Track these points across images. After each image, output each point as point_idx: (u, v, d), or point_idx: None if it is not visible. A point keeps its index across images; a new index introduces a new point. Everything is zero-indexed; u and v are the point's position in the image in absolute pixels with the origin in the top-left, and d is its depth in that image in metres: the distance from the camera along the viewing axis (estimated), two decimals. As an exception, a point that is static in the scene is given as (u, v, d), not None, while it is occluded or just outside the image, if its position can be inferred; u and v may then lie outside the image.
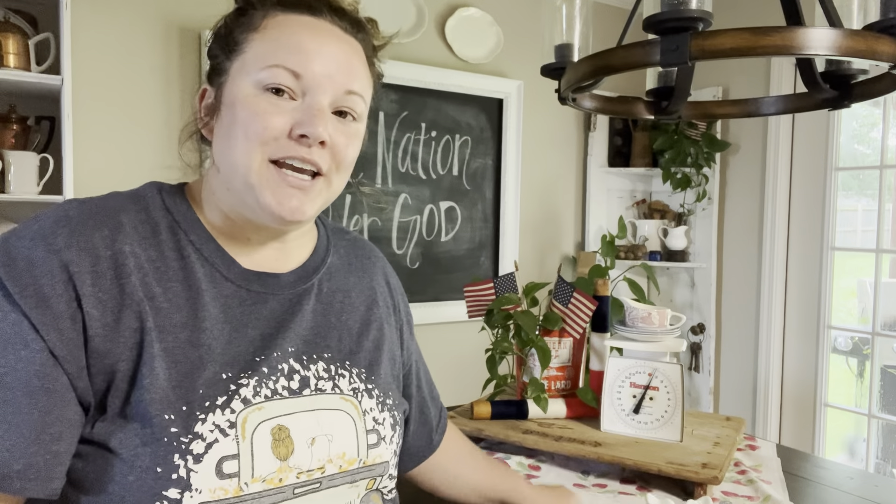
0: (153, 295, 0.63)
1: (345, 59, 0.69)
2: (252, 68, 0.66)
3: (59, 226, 0.61)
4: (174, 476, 0.58)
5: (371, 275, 0.85)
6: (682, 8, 0.79)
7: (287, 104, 0.66)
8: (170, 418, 0.59)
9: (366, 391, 0.75)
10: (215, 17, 0.73)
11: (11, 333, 0.57)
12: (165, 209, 0.69)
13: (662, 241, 3.05)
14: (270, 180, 0.65)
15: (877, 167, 2.62)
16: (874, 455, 2.66)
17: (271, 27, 0.67)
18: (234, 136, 0.66)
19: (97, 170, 2.02)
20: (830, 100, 1.06)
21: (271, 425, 0.64)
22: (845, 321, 2.82)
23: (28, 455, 0.56)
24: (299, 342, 0.71)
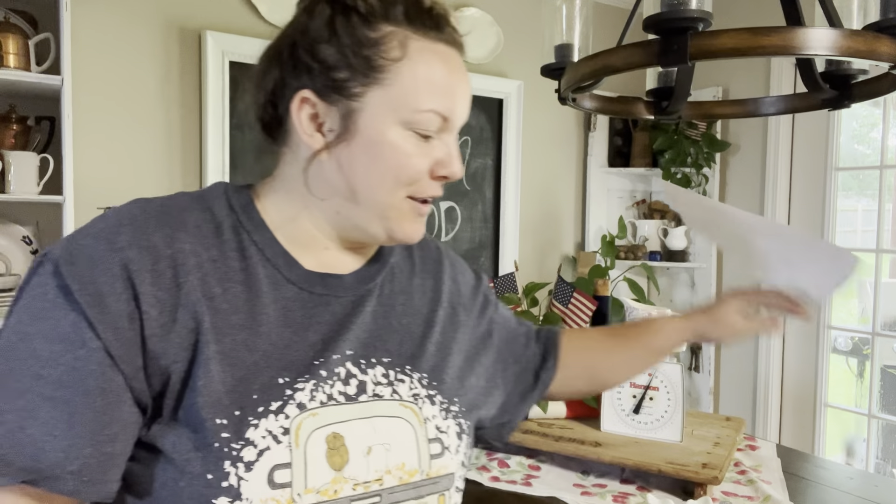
0: (212, 295, 0.61)
1: (469, 95, 0.69)
2: (402, 108, 0.63)
3: (122, 224, 0.61)
4: (224, 484, 0.56)
5: (435, 276, 0.81)
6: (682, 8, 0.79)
7: (429, 145, 0.66)
8: (221, 423, 0.57)
9: (427, 397, 0.70)
10: (215, 17, 0.71)
11: (70, 332, 0.56)
12: (230, 209, 0.67)
13: (662, 241, 3.05)
14: (406, 213, 0.67)
15: (877, 167, 2.62)
16: (874, 455, 2.66)
17: (416, 58, 0.63)
18: (377, 173, 0.65)
19: (97, 170, 2.02)
20: (830, 100, 1.06)
21: (326, 433, 0.61)
22: (845, 321, 2.81)
23: (83, 456, 0.56)
24: (358, 345, 0.68)
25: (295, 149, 0.68)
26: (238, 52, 2.18)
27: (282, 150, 0.69)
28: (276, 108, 0.67)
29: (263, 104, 0.68)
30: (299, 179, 0.67)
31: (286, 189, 0.69)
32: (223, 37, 2.16)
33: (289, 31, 0.67)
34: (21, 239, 1.90)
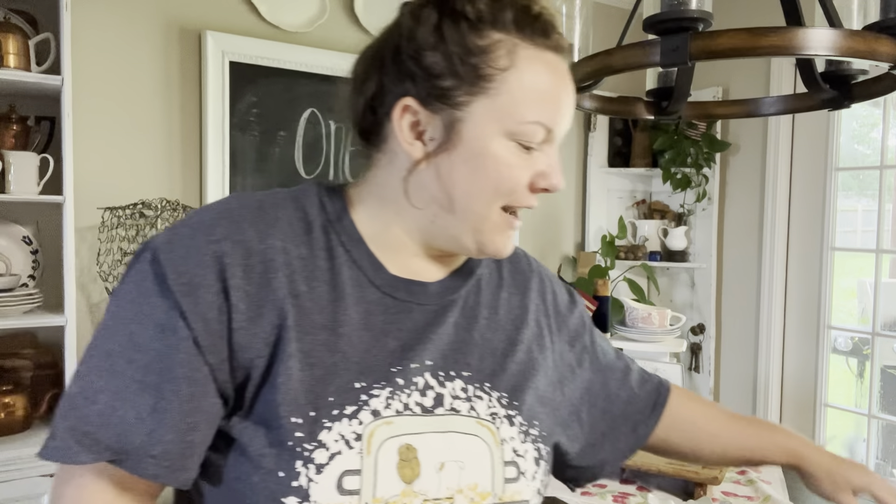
0: (298, 293, 0.61)
1: (573, 106, 0.68)
2: (506, 117, 0.62)
3: (219, 218, 0.62)
4: (294, 484, 0.56)
5: (524, 291, 0.78)
6: (682, 8, 0.79)
7: (530, 156, 0.64)
8: (296, 422, 0.57)
9: (506, 417, 0.67)
10: (215, 17, 0.70)
11: (163, 319, 0.58)
12: (322, 208, 0.67)
13: (662, 241, 3.05)
14: (500, 226, 0.65)
15: (877, 167, 2.62)
16: (874, 455, 2.66)
17: (523, 67, 0.62)
18: (477, 184, 0.63)
19: (97, 170, 2.02)
20: (830, 100, 1.06)
21: (399, 443, 0.60)
22: (845, 321, 2.81)
23: (165, 442, 0.57)
24: (438, 357, 0.66)
25: (391, 155, 0.66)
26: (238, 52, 2.18)
27: (376, 155, 0.68)
28: (374, 113, 0.66)
29: (363, 110, 0.66)
30: (394, 186, 0.66)
31: (379, 195, 0.67)
32: (223, 37, 2.16)
33: (391, 35, 0.65)
34: (21, 239, 1.90)
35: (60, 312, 1.77)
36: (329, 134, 2.38)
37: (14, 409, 1.74)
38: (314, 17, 2.33)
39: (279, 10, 2.27)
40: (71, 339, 1.75)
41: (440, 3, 0.62)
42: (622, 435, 0.84)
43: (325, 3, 2.33)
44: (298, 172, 2.33)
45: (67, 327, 1.74)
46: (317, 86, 2.34)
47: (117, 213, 1.94)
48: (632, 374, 0.86)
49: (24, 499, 1.67)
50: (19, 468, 1.65)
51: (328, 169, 2.39)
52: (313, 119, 2.35)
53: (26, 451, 1.67)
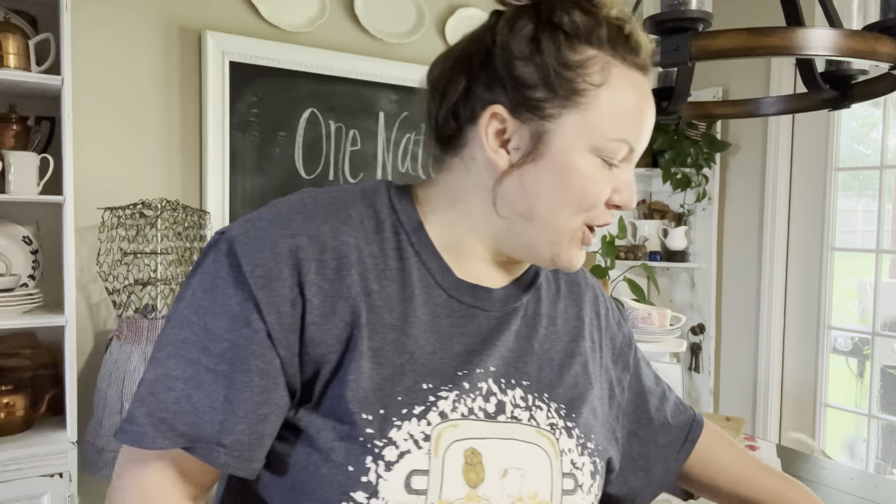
0: (369, 291, 0.62)
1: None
2: (595, 133, 0.62)
3: (295, 212, 0.62)
4: (363, 479, 0.57)
5: (579, 304, 0.78)
6: (682, 8, 0.79)
7: (609, 173, 0.64)
8: (367, 419, 0.58)
9: (565, 429, 0.67)
10: (215, 17, 0.70)
11: (238, 310, 0.58)
12: (391, 208, 0.67)
13: (662, 241, 3.05)
14: (577, 239, 0.65)
15: (877, 167, 2.62)
16: (874, 455, 2.66)
17: (615, 85, 0.62)
18: (560, 197, 0.63)
19: (97, 170, 2.02)
20: (830, 100, 1.06)
21: (465, 446, 0.60)
22: (845, 321, 2.81)
23: (236, 432, 0.57)
24: (500, 364, 0.66)
25: (468, 161, 0.66)
26: (238, 52, 2.18)
27: (451, 159, 0.67)
28: (456, 117, 0.66)
29: (445, 114, 0.66)
30: (469, 191, 0.66)
31: (451, 199, 0.67)
32: (223, 37, 2.16)
33: (481, 41, 0.65)
34: (21, 239, 1.90)
35: (60, 312, 1.77)
36: (329, 134, 2.38)
37: (14, 409, 1.75)
38: (314, 17, 2.33)
39: (279, 10, 2.27)
40: (71, 339, 1.75)
41: (537, 14, 0.63)
42: (654, 464, 0.83)
43: (325, 3, 2.33)
44: (298, 172, 2.33)
45: (67, 327, 1.74)
46: (317, 86, 2.34)
47: (117, 213, 1.94)
48: (668, 403, 0.86)
49: (24, 499, 1.67)
50: (19, 468, 1.65)
51: (328, 169, 2.39)
52: (313, 119, 2.35)
53: (26, 451, 1.67)
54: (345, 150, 2.42)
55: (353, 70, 2.38)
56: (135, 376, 1.82)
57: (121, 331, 1.87)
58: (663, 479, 0.84)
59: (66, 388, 1.76)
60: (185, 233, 2.03)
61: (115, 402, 1.82)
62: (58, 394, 1.83)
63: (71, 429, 1.75)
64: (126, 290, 1.93)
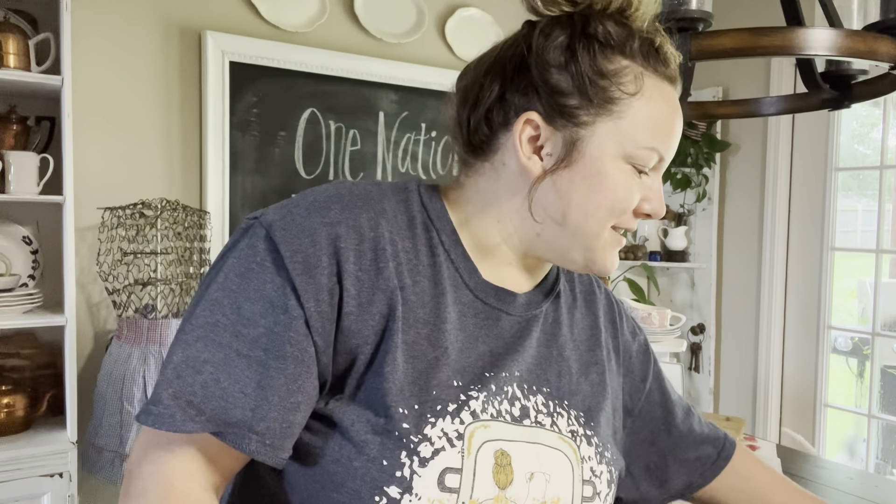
0: (404, 285, 0.62)
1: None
2: (627, 141, 0.63)
3: (332, 201, 0.62)
4: (398, 474, 0.56)
5: (595, 312, 0.78)
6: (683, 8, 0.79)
7: (640, 180, 0.66)
8: (403, 413, 0.58)
9: (584, 437, 0.68)
10: (215, 17, 0.70)
11: (275, 296, 0.57)
12: (422, 206, 0.67)
13: (662, 241, 3.05)
14: (609, 244, 0.66)
15: (877, 167, 2.62)
16: (874, 455, 2.66)
17: (648, 95, 0.64)
18: (593, 203, 0.64)
19: (97, 170, 2.02)
20: (830, 100, 1.06)
21: (495, 447, 0.61)
22: (845, 321, 2.81)
23: (269, 419, 0.56)
24: (524, 369, 0.67)
25: (499, 166, 0.67)
26: (238, 52, 2.18)
27: (481, 164, 0.68)
28: (489, 123, 0.67)
29: (479, 119, 0.67)
30: (499, 196, 0.67)
31: (480, 202, 0.68)
32: (223, 37, 2.16)
33: (514, 48, 0.66)
34: (21, 239, 1.90)
35: (60, 312, 1.77)
36: (329, 134, 2.38)
37: (14, 409, 1.75)
38: (314, 17, 2.33)
39: (279, 10, 2.27)
40: (71, 339, 1.75)
41: (572, 24, 0.64)
42: (673, 476, 0.82)
43: (325, 3, 2.33)
44: (298, 172, 2.33)
45: (67, 327, 1.74)
46: (317, 86, 2.34)
47: (117, 213, 1.94)
48: (693, 417, 0.85)
49: (24, 499, 1.67)
50: (19, 468, 1.65)
51: (328, 169, 2.39)
52: (313, 119, 2.35)
53: (26, 451, 1.67)
54: (345, 150, 2.42)
55: (353, 70, 2.38)
56: (135, 376, 1.82)
57: (121, 331, 1.87)
58: (683, 491, 0.83)
59: (66, 388, 1.76)
60: (185, 233, 2.03)
61: (114, 402, 1.82)
62: (58, 394, 1.83)
63: (71, 429, 1.74)
64: (126, 290, 1.93)
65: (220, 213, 2.18)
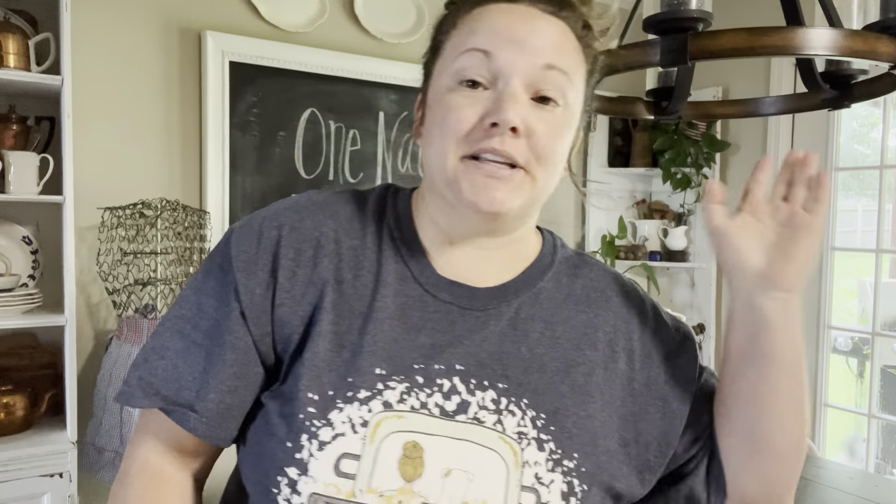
0: (342, 279, 0.65)
1: (541, 34, 0.62)
2: (448, 62, 0.64)
3: (286, 208, 0.68)
4: (297, 455, 0.59)
5: (599, 311, 0.71)
6: (682, 8, 0.79)
7: (481, 94, 0.62)
8: (312, 398, 0.60)
9: (535, 440, 0.63)
10: (215, 17, 0.72)
11: (221, 291, 0.65)
12: (382, 206, 0.71)
13: (662, 241, 3.05)
14: (466, 173, 0.62)
15: (877, 167, 2.62)
16: (874, 455, 2.66)
17: (468, 21, 0.64)
18: (433, 135, 0.64)
19: (97, 170, 2.02)
20: (830, 100, 1.06)
21: (406, 438, 0.59)
22: (845, 321, 2.81)
23: (207, 401, 0.63)
24: (472, 363, 0.64)
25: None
26: (238, 52, 2.18)
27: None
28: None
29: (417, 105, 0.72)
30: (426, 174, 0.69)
31: (421, 187, 0.71)
32: (223, 37, 2.16)
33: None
34: (21, 239, 1.90)
35: (60, 312, 1.77)
36: (329, 134, 2.38)
37: (14, 409, 1.74)
38: (314, 17, 2.33)
39: (279, 10, 2.27)
40: (71, 339, 1.75)
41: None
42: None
43: (325, 3, 2.33)
44: (298, 172, 2.33)
45: (67, 327, 1.74)
46: (317, 86, 2.34)
47: (117, 213, 1.94)
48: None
49: (24, 499, 1.67)
50: (19, 468, 1.65)
51: (328, 169, 2.39)
52: (313, 119, 2.35)
53: (26, 451, 1.67)
54: (345, 150, 2.42)
55: (353, 70, 2.38)
56: (135, 376, 1.82)
57: (121, 331, 1.87)
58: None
59: (66, 388, 1.76)
60: (185, 233, 2.03)
61: (115, 403, 1.82)
62: (58, 394, 1.83)
63: (71, 429, 1.75)
64: (126, 290, 1.93)
65: (220, 213, 2.18)
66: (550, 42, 0.62)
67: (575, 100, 0.65)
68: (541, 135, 0.62)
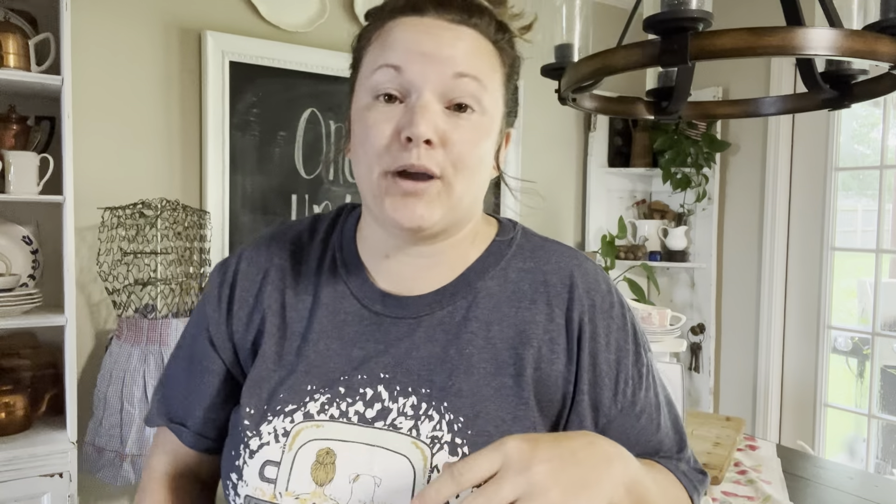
0: (285, 304, 0.71)
1: (449, 44, 0.62)
2: (364, 79, 0.65)
3: (252, 243, 0.76)
4: (237, 463, 0.65)
5: (544, 305, 0.68)
6: (682, 8, 0.79)
7: (397, 109, 0.62)
8: (249, 412, 0.66)
9: (448, 444, 0.62)
10: (215, 17, 0.73)
11: (199, 323, 0.74)
12: (332, 228, 0.75)
13: (662, 241, 3.05)
14: (388, 190, 0.62)
15: (877, 167, 2.62)
16: (874, 455, 2.66)
17: (382, 35, 0.65)
18: (356, 152, 0.65)
19: (97, 170, 2.02)
20: (830, 100, 1.06)
21: (320, 446, 0.62)
22: (845, 321, 2.82)
23: (194, 417, 0.73)
24: (398, 371, 0.65)
25: None
26: (238, 52, 2.18)
27: None
28: None
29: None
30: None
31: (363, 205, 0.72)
32: (223, 37, 2.16)
33: None
34: (21, 239, 1.90)
35: (60, 312, 1.77)
36: (329, 134, 2.38)
37: (14, 409, 1.75)
38: (314, 17, 2.33)
39: (279, 10, 2.27)
40: (71, 339, 1.75)
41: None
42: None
43: (325, 3, 2.33)
44: (298, 172, 2.33)
45: (67, 327, 1.74)
46: (317, 86, 2.34)
47: (117, 213, 1.94)
48: (671, 454, 0.72)
49: (24, 499, 1.67)
50: (19, 468, 1.65)
51: (328, 169, 2.39)
52: (313, 119, 2.35)
53: (26, 451, 1.67)
54: (345, 151, 2.42)
55: (353, 70, 2.38)
56: (135, 376, 1.82)
57: (121, 331, 1.87)
58: None
59: (66, 388, 1.76)
60: (185, 233, 2.03)
61: (114, 402, 1.82)
62: (58, 394, 1.83)
63: (71, 429, 1.75)
64: (126, 289, 1.93)
65: (220, 213, 2.18)
66: (460, 51, 0.63)
67: (492, 104, 0.65)
68: (456, 142, 0.62)
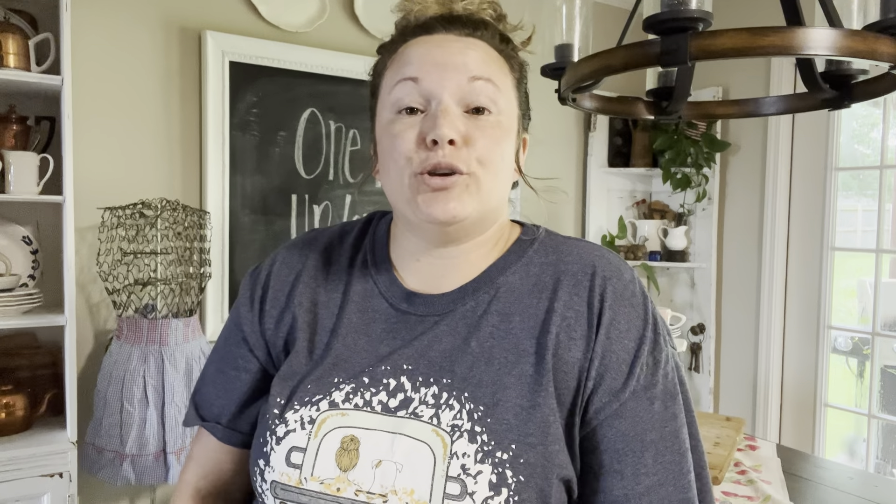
0: (316, 301, 0.76)
1: (460, 52, 0.69)
2: (385, 98, 0.71)
3: (285, 247, 0.81)
4: (265, 449, 0.68)
5: (565, 293, 0.69)
6: (682, 8, 0.79)
7: (419, 118, 0.68)
8: (278, 401, 0.70)
9: (468, 432, 0.63)
10: (215, 17, 0.74)
11: (234, 324, 0.79)
12: (364, 232, 0.80)
13: (662, 241, 3.05)
14: (419, 189, 0.67)
15: (877, 167, 2.62)
16: (874, 455, 2.66)
17: (396, 59, 0.71)
18: (387, 165, 0.70)
19: (97, 170, 2.02)
20: (830, 100, 1.06)
21: (345, 433, 0.66)
22: (845, 321, 2.82)
23: (229, 414, 0.78)
24: (421, 362, 0.68)
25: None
26: (238, 52, 2.18)
27: None
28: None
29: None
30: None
31: (395, 214, 0.78)
32: (223, 37, 2.16)
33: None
34: (21, 239, 1.90)
35: (60, 312, 1.77)
36: (329, 134, 2.39)
37: (14, 409, 1.75)
38: (314, 17, 2.33)
39: (279, 10, 2.27)
40: (71, 339, 1.75)
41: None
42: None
43: (325, 3, 2.33)
44: (298, 172, 2.33)
45: (67, 327, 1.74)
46: (317, 86, 2.34)
47: (117, 213, 1.94)
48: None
49: (24, 499, 1.67)
50: (19, 468, 1.65)
51: (328, 169, 2.39)
52: (313, 119, 2.35)
53: (26, 451, 1.67)
54: (345, 150, 2.42)
55: (353, 70, 2.39)
56: (135, 376, 1.82)
57: (121, 331, 1.87)
58: None
59: (66, 388, 1.76)
60: (185, 233, 2.03)
61: (114, 402, 1.82)
62: (58, 394, 1.83)
63: (71, 429, 1.75)
64: (126, 289, 1.93)
65: (220, 213, 2.18)
66: (471, 58, 0.69)
67: (507, 105, 0.72)
68: (479, 140, 0.67)
